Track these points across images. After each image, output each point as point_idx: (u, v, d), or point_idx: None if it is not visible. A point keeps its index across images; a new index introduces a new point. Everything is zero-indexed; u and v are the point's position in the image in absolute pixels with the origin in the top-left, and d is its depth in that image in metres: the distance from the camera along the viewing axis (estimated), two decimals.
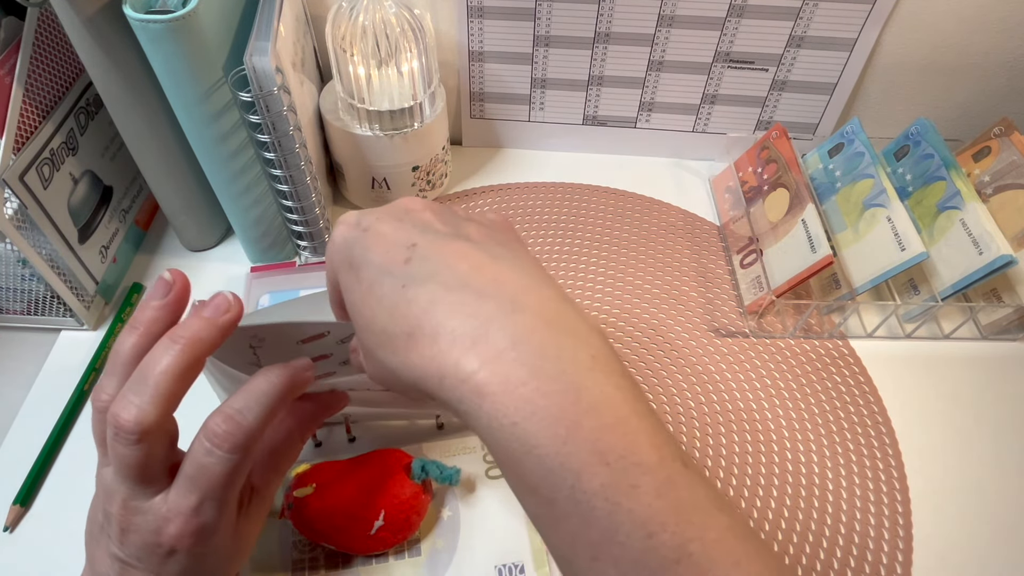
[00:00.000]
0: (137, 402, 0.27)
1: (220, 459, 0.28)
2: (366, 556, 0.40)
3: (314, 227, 0.52)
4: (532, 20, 0.57)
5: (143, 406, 0.27)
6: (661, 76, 0.61)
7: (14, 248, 0.45)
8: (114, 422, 0.27)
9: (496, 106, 0.64)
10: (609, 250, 0.59)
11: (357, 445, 0.45)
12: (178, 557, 0.29)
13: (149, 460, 0.28)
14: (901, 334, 0.54)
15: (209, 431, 0.28)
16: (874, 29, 0.56)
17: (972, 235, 0.49)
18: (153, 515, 0.28)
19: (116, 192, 0.54)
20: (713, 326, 0.53)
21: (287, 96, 0.45)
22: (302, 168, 0.48)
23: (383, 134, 0.54)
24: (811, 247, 0.50)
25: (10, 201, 0.44)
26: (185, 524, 0.28)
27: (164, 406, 0.27)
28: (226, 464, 0.28)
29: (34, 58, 0.45)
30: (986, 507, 0.45)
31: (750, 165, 0.61)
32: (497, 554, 0.40)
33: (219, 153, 0.47)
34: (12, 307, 0.50)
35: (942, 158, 0.53)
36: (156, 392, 0.27)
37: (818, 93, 0.61)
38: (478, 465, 0.44)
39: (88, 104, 0.50)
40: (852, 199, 0.54)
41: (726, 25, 0.57)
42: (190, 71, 0.42)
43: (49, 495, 0.44)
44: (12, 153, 0.43)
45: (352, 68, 0.51)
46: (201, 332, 0.29)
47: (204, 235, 0.57)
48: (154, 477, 0.29)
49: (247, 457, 0.29)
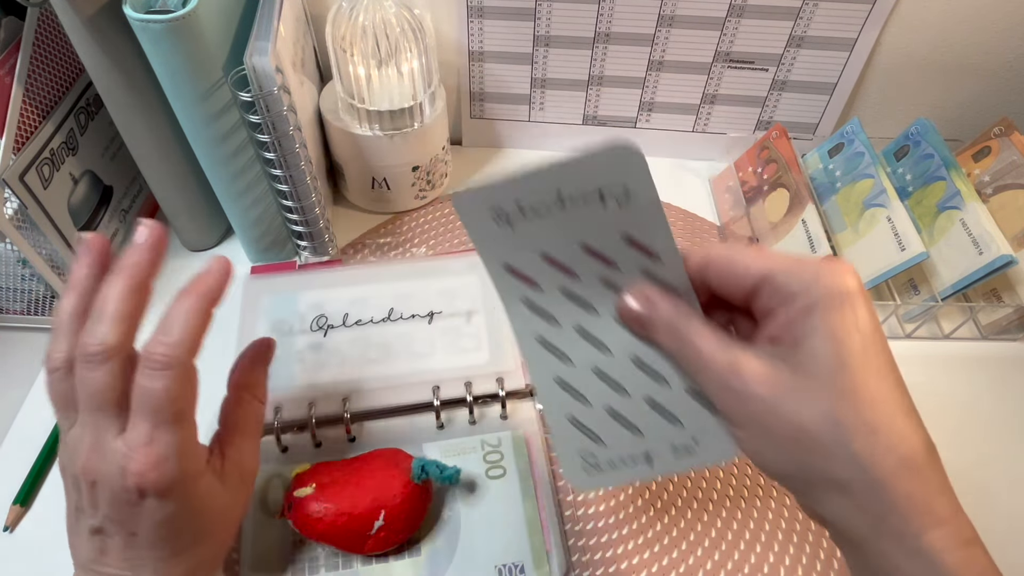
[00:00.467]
0: (100, 329, 0.29)
1: (156, 377, 0.29)
2: (366, 556, 0.40)
3: (314, 227, 0.52)
4: (532, 20, 0.57)
5: (105, 330, 0.29)
6: (661, 76, 0.61)
7: (14, 248, 0.45)
8: (82, 351, 0.29)
9: (496, 106, 0.64)
10: None
11: (357, 445, 0.45)
12: (149, 505, 0.30)
13: (115, 382, 0.29)
14: (901, 334, 0.54)
15: (143, 357, 0.30)
16: (874, 29, 0.56)
17: (972, 235, 0.49)
18: (115, 456, 0.29)
19: (116, 192, 0.54)
20: None
21: (287, 96, 0.45)
22: (302, 168, 0.48)
23: (383, 134, 0.54)
24: (811, 247, 0.50)
25: (10, 201, 0.44)
26: (145, 457, 0.29)
27: (123, 326, 0.30)
28: (163, 380, 0.29)
29: (34, 58, 0.45)
30: (986, 507, 0.45)
31: (750, 165, 0.61)
32: (497, 554, 0.40)
33: (219, 153, 0.47)
34: (12, 307, 0.50)
35: (942, 158, 0.53)
36: (113, 316, 0.30)
37: (818, 93, 0.61)
38: (478, 465, 0.44)
39: (88, 104, 0.50)
40: (852, 199, 0.54)
41: (726, 25, 0.57)
42: (190, 71, 0.42)
43: (49, 495, 0.44)
44: (12, 153, 0.43)
45: (352, 68, 0.51)
46: (134, 257, 0.31)
47: (204, 235, 0.57)
48: (118, 403, 0.30)
49: (184, 373, 0.30)
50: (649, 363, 0.33)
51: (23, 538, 0.42)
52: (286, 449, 0.45)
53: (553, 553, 0.41)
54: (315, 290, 0.51)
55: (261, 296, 0.51)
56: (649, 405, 0.33)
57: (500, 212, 0.32)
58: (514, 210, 0.32)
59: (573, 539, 0.42)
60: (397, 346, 0.48)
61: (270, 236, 0.55)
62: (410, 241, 0.59)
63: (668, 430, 0.33)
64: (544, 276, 0.33)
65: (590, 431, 0.33)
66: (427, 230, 0.60)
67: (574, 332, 0.33)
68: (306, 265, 0.54)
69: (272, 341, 0.39)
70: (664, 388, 0.33)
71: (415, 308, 0.50)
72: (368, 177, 0.57)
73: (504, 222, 0.32)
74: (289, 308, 0.50)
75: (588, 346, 0.34)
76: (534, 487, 0.43)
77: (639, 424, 0.33)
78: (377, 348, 0.48)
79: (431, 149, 0.57)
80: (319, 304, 0.50)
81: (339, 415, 0.45)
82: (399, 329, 0.49)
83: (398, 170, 0.57)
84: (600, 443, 0.33)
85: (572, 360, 0.34)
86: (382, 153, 0.55)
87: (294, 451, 0.45)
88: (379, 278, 0.52)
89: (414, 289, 0.51)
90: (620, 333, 0.33)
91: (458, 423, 0.46)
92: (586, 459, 0.33)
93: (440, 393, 0.46)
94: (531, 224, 0.32)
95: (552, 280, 0.33)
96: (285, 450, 0.45)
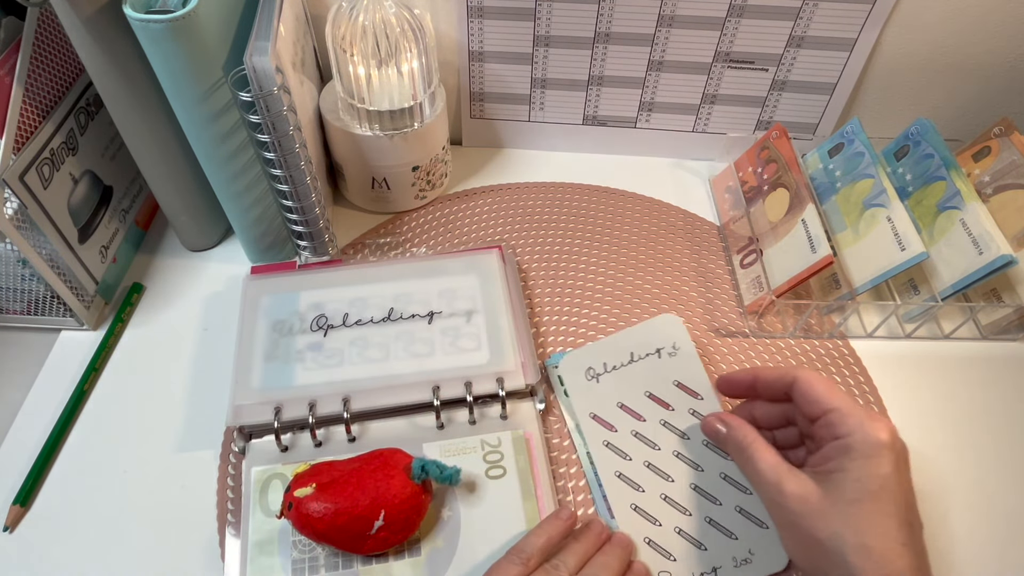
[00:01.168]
0: (568, 560, 0.38)
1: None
2: (366, 556, 0.40)
3: (314, 227, 0.52)
4: (532, 20, 0.57)
5: (571, 562, 0.38)
6: (661, 76, 0.61)
7: (14, 248, 0.45)
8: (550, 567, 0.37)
9: (496, 106, 0.64)
10: (609, 250, 0.59)
11: (357, 445, 0.45)
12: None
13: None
14: (901, 334, 0.54)
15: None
16: (874, 29, 0.56)
17: (972, 235, 0.49)
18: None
19: (116, 192, 0.54)
20: (713, 326, 0.53)
21: (287, 96, 0.45)
22: (302, 168, 0.48)
23: (383, 134, 0.54)
24: (811, 247, 0.50)
25: (10, 201, 0.44)
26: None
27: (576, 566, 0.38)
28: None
29: (34, 58, 0.45)
30: (986, 506, 0.45)
31: (750, 165, 0.61)
32: (497, 554, 0.40)
33: (219, 153, 0.47)
34: (12, 307, 0.50)
35: (942, 158, 0.53)
36: (575, 559, 0.38)
37: (818, 93, 0.61)
38: (478, 465, 0.44)
39: (88, 104, 0.50)
40: (852, 199, 0.54)
41: (726, 25, 0.57)
42: (190, 71, 0.42)
43: (49, 495, 0.44)
44: (12, 153, 0.43)
45: (352, 68, 0.51)
46: (596, 529, 0.41)
47: (204, 235, 0.57)
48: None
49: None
50: (705, 488, 0.42)
51: (23, 538, 0.42)
52: (286, 449, 0.45)
53: None
54: (315, 290, 0.51)
55: (261, 296, 0.51)
56: (708, 523, 0.42)
57: (591, 370, 0.47)
58: (600, 367, 0.47)
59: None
60: (397, 346, 0.48)
61: (270, 236, 0.55)
62: (410, 241, 0.59)
63: (727, 544, 0.41)
64: (620, 421, 0.45)
65: (664, 549, 0.41)
66: (427, 230, 0.60)
67: (643, 466, 0.44)
68: (306, 265, 0.54)
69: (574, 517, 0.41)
70: (718, 508, 0.42)
71: (415, 308, 0.50)
72: (368, 177, 0.57)
73: (592, 378, 0.46)
74: (289, 308, 0.50)
75: (655, 477, 0.43)
76: (534, 487, 0.43)
77: (704, 540, 0.41)
78: (377, 348, 0.48)
79: (431, 149, 0.57)
80: (319, 304, 0.50)
81: (339, 415, 0.45)
82: (399, 329, 0.49)
83: (398, 170, 0.57)
84: (671, 559, 0.41)
85: (644, 489, 0.43)
86: (382, 153, 0.55)
87: (294, 451, 0.45)
88: (379, 278, 0.52)
89: (414, 289, 0.51)
90: (680, 465, 0.43)
91: (458, 423, 0.46)
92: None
93: (440, 393, 0.46)
94: (611, 377, 0.46)
95: (626, 424, 0.45)
96: (285, 450, 0.45)
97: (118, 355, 0.51)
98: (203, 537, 0.42)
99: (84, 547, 0.42)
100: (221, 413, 0.46)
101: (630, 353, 0.47)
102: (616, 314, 0.54)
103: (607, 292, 0.56)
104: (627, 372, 0.47)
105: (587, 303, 0.55)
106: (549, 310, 0.54)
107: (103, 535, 0.42)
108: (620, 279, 0.57)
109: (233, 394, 0.45)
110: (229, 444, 0.46)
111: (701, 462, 0.44)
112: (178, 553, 0.42)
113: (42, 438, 0.46)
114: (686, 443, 0.45)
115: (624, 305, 0.55)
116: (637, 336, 0.48)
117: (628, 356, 0.47)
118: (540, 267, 0.57)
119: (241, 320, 0.49)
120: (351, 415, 0.45)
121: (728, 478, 0.43)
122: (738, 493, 0.43)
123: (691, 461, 0.44)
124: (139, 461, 0.45)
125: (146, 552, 0.42)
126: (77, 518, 0.43)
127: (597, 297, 0.55)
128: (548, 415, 0.48)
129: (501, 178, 0.65)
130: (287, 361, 0.47)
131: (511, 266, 0.54)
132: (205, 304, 0.54)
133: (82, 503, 0.44)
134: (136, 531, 0.42)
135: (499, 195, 0.63)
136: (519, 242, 0.59)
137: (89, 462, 0.45)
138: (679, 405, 0.46)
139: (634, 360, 0.47)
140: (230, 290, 0.55)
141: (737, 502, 0.42)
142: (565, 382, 0.47)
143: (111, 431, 0.47)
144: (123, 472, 0.45)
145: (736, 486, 0.43)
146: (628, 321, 0.53)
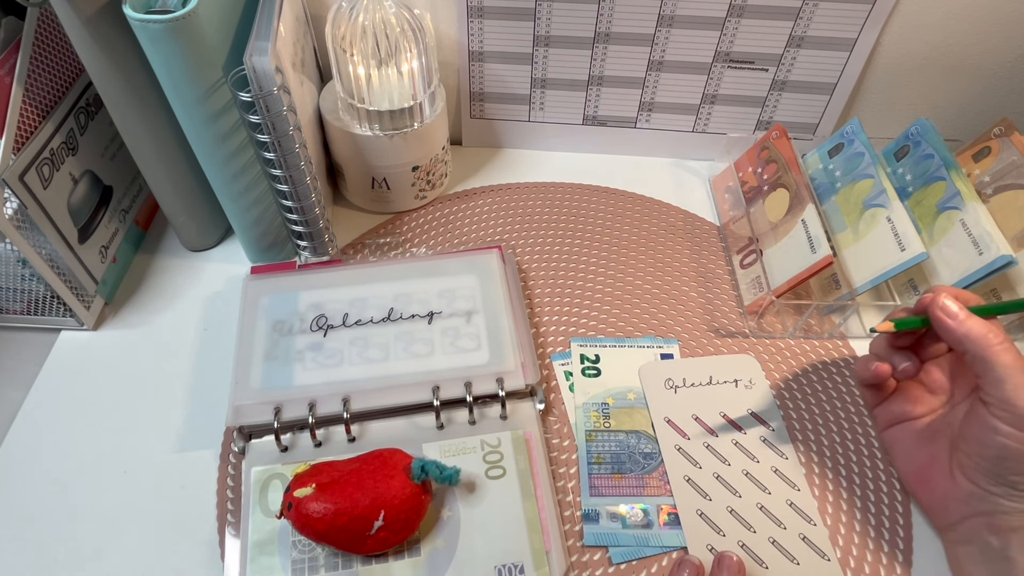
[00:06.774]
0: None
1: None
2: (366, 556, 0.40)
3: (314, 227, 0.52)
4: (532, 20, 0.58)
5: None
6: (661, 76, 0.61)
7: (14, 248, 0.45)
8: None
9: (496, 106, 0.64)
10: (609, 250, 0.59)
11: (357, 445, 0.45)
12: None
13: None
14: None
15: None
16: (874, 29, 0.56)
17: (972, 235, 0.49)
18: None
19: (116, 192, 0.54)
20: (713, 326, 0.53)
21: (287, 96, 0.45)
22: (302, 168, 0.48)
23: (383, 134, 0.54)
24: (811, 247, 0.50)
25: (10, 201, 0.44)
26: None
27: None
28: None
29: (34, 58, 0.45)
30: None
31: (750, 165, 0.61)
32: (497, 554, 0.40)
33: (219, 153, 0.47)
34: (12, 307, 0.50)
35: (942, 158, 0.53)
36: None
37: (818, 93, 0.61)
38: (478, 465, 0.44)
39: (88, 104, 0.50)
40: (852, 199, 0.54)
41: (726, 25, 0.57)
42: (190, 71, 0.42)
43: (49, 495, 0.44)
44: (12, 153, 0.43)
45: (352, 68, 0.51)
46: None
47: (204, 235, 0.57)
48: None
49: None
50: (771, 510, 0.43)
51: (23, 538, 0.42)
52: (286, 449, 0.45)
53: (553, 553, 0.41)
54: (315, 290, 0.51)
55: (261, 296, 0.51)
56: (772, 544, 0.42)
57: (670, 381, 0.49)
58: (680, 381, 0.49)
59: (573, 539, 0.42)
60: (397, 346, 0.48)
61: (270, 236, 0.55)
62: (410, 241, 0.59)
63: (789, 568, 0.41)
64: (693, 430, 0.47)
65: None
66: (427, 230, 0.60)
67: (712, 477, 0.45)
68: (306, 265, 0.54)
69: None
70: (783, 532, 0.43)
71: (415, 308, 0.50)
72: (368, 177, 0.57)
73: (671, 388, 0.49)
74: (289, 308, 0.50)
75: (723, 489, 0.44)
76: (534, 487, 0.43)
77: (766, 559, 0.41)
78: (377, 348, 0.48)
79: (431, 149, 0.57)
80: (319, 304, 0.50)
81: (339, 415, 0.45)
82: (399, 329, 0.49)
83: (398, 170, 0.57)
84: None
85: (711, 498, 0.44)
86: (382, 153, 0.55)
87: (294, 451, 0.45)
88: (379, 278, 0.52)
89: (414, 289, 0.51)
90: (748, 484, 0.44)
91: (458, 423, 0.46)
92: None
93: (440, 393, 0.46)
94: (688, 392, 0.49)
95: (698, 435, 0.47)
96: (285, 450, 0.45)
97: (118, 355, 0.51)
98: (203, 537, 0.42)
99: (84, 547, 0.42)
100: (221, 413, 0.46)
101: (709, 376, 0.50)
102: (616, 314, 0.54)
103: (607, 292, 0.56)
104: (705, 391, 0.49)
105: (587, 303, 0.55)
106: (549, 310, 0.54)
107: (103, 535, 0.42)
108: (620, 279, 0.57)
109: (233, 394, 0.45)
110: (229, 444, 0.46)
111: (769, 485, 0.44)
112: (178, 553, 0.42)
113: (42, 438, 0.46)
114: (755, 465, 0.45)
115: (624, 305, 0.55)
116: (718, 364, 0.51)
117: (707, 378, 0.50)
118: (540, 267, 0.57)
119: (241, 320, 0.49)
120: (351, 415, 0.45)
121: (794, 505, 0.43)
122: (803, 522, 0.43)
123: (759, 483, 0.44)
124: (139, 461, 0.45)
125: (146, 552, 0.42)
126: (77, 518, 0.43)
127: (597, 297, 0.55)
128: (548, 415, 0.48)
129: (501, 178, 0.65)
130: (287, 361, 0.47)
131: (511, 266, 0.54)
132: (205, 304, 0.54)
133: (82, 503, 0.44)
134: (136, 531, 0.42)
135: (499, 195, 0.63)
136: (519, 242, 0.59)
137: (89, 462, 0.45)
138: (751, 431, 0.47)
139: (712, 383, 0.49)
140: (230, 290, 0.55)
141: (801, 530, 0.42)
142: (644, 386, 0.49)
143: (111, 431, 0.47)
144: (123, 472, 0.45)
145: (801, 515, 0.43)
146: (628, 321, 0.53)
